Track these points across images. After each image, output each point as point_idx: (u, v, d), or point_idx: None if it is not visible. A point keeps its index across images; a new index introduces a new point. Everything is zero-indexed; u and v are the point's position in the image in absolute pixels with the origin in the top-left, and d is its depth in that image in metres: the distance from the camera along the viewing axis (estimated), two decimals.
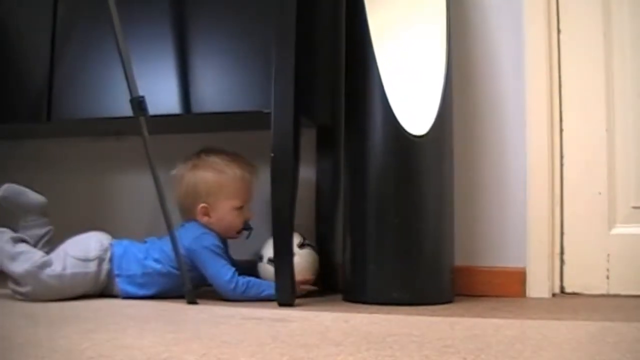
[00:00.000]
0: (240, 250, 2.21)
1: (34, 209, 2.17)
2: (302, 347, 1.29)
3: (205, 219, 2.14)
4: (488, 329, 1.57)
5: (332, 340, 1.38)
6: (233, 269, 2.05)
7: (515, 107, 2.30)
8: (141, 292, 2.07)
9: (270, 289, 2.02)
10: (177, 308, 1.88)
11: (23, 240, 2.07)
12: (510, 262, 2.27)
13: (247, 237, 2.19)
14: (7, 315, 1.70)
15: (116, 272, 2.07)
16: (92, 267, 2.06)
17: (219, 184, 2.14)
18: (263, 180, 2.09)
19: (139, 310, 1.81)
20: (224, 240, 2.16)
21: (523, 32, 2.31)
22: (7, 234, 2.05)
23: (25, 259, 2.01)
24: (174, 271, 2.05)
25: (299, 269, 2.05)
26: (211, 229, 2.13)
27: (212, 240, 2.09)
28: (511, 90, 2.32)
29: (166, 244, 2.07)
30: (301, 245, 2.14)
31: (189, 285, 1.97)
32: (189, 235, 2.08)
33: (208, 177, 2.14)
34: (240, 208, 2.15)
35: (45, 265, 2.01)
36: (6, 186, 2.15)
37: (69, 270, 2.02)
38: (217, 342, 1.35)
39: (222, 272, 2.03)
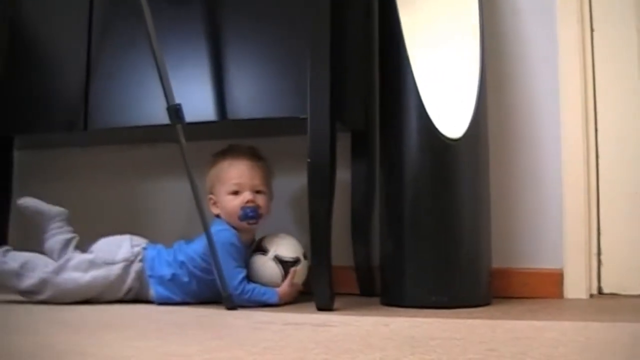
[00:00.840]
0: None
1: (57, 216, 2.20)
2: (346, 353, 1.29)
3: (216, 211, 2.18)
4: (529, 332, 1.56)
5: (375, 345, 1.38)
6: (243, 272, 2.06)
7: (549, 108, 2.30)
8: (173, 295, 2.09)
9: (273, 297, 2.05)
10: (216, 314, 1.89)
11: (8, 250, 2.10)
12: (547, 264, 2.26)
13: (249, 224, 2.14)
14: (44, 322, 1.71)
15: (149, 272, 2.11)
16: (115, 270, 2.09)
17: (216, 174, 2.18)
18: (294, 181, 2.11)
19: (179, 317, 1.82)
20: (246, 243, 2.16)
21: (556, 31, 2.31)
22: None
23: (31, 268, 2.05)
24: (198, 273, 2.09)
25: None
26: (231, 226, 2.14)
27: (229, 238, 2.09)
28: (545, 91, 2.31)
29: (190, 247, 2.12)
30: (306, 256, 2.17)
31: (226, 291, 1.98)
32: (212, 230, 2.07)
33: (210, 171, 2.21)
34: (235, 193, 2.14)
35: (61, 269, 2.05)
36: (24, 199, 2.22)
37: (89, 273, 2.06)
38: (260, 348, 1.35)
39: (231, 274, 2.03)
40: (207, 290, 2.08)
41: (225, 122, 2.18)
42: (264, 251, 2.13)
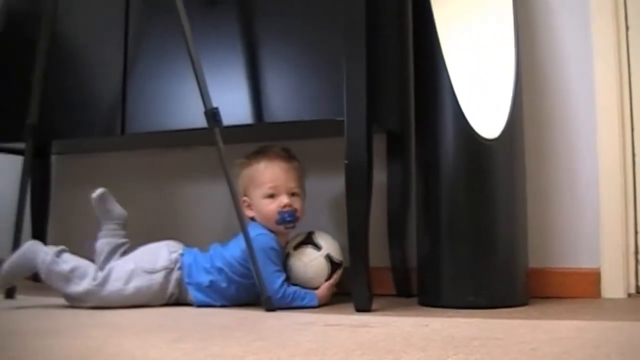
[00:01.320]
0: None
1: (118, 218, 2.24)
2: (389, 354, 1.30)
3: (250, 214, 2.17)
4: (570, 332, 1.56)
5: (417, 345, 1.39)
6: (283, 276, 2.06)
7: (585, 107, 2.29)
8: (212, 301, 2.11)
9: (313, 301, 2.06)
10: (256, 316, 1.90)
11: (63, 250, 2.13)
12: (584, 263, 2.26)
13: (286, 228, 2.15)
14: (92, 326, 1.73)
15: (187, 280, 2.12)
16: (157, 278, 2.10)
17: (250, 176, 2.17)
18: (330, 183, 2.11)
19: (220, 319, 1.84)
20: (281, 245, 2.15)
21: (590, 30, 2.30)
22: (49, 251, 2.10)
23: (80, 275, 2.07)
24: (236, 278, 2.09)
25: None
26: (268, 229, 2.14)
27: (268, 243, 2.09)
28: (581, 90, 2.30)
29: (227, 251, 2.13)
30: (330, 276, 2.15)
31: (266, 293, 1.99)
32: (251, 233, 2.08)
33: (244, 172, 2.19)
34: (271, 196, 2.14)
35: (105, 281, 2.07)
36: (102, 189, 2.24)
37: (131, 285, 2.08)
38: (303, 349, 1.36)
39: (271, 279, 2.03)
40: (245, 294, 2.10)
41: (262, 124, 2.19)
42: (316, 246, 2.12)
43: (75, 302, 2.07)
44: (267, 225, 2.14)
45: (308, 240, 2.14)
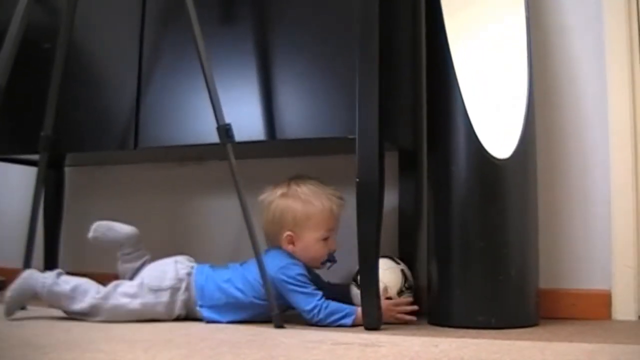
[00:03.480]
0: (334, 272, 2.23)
1: (126, 242, 2.22)
2: None
3: (290, 247, 2.14)
4: (580, 355, 1.56)
5: None
6: (318, 295, 2.03)
7: (598, 127, 2.28)
8: (225, 319, 2.10)
9: (350, 315, 2.01)
10: (266, 332, 1.90)
11: (60, 273, 2.13)
12: (595, 285, 2.25)
13: (328, 268, 2.19)
14: (101, 340, 1.74)
15: (199, 302, 2.10)
16: (164, 297, 2.10)
17: (306, 214, 2.13)
18: (347, 205, 2.13)
19: (230, 335, 1.84)
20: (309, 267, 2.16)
21: (604, 49, 2.29)
22: (47, 275, 2.10)
23: (83, 292, 2.07)
24: (257, 301, 2.07)
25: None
26: (296, 258, 2.13)
27: (298, 270, 2.08)
28: (594, 110, 2.30)
29: (249, 272, 2.10)
30: (400, 292, 2.16)
31: (276, 310, 1.99)
32: (276, 264, 2.07)
33: (296, 206, 2.14)
34: (325, 239, 2.14)
35: (109, 295, 2.07)
36: (95, 225, 2.20)
37: (137, 301, 2.08)
38: None
39: (305, 302, 2.02)
40: (264, 313, 2.06)
41: (275, 141, 2.20)
42: (394, 260, 2.20)
43: (83, 317, 2.08)
44: (307, 262, 2.14)
45: (386, 255, 2.17)
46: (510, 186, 2.05)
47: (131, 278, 2.17)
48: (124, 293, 2.08)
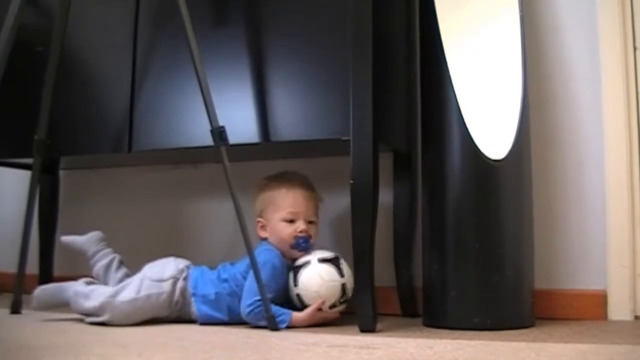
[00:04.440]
0: None
1: (92, 243, 2.35)
2: None
3: (263, 234, 2.22)
4: (575, 356, 1.55)
5: None
6: (269, 295, 2.04)
7: (592, 127, 2.29)
8: (215, 313, 2.12)
9: (283, 322, 2.02)
10: (260, 335, 1.90)
11: (93, 283, 2.21)
12: (591, 285, 2.25)
13: (298, 252, 2.17)
14: (96, 343, 1.74)
15: (192, 291, 2.14)
16: (165, 287, 2.13)
17: (269, 199, 2.23)
18: (342, 206, 2.12)
19: (224, 338, 1.84)
20: (290, 262, 2.18)
21: (598, 50, 2.29)
22: (81, 280, 2.21)
23: (98, 294, 2.12)
24: (239, 292, 2.11)
25: None
26: (277, 249, 2.17)
27: (271, 258, 2.13)
28: (588, 109, 2.30)
29: (236, 267, 2.16)
30: (333, 306, 2.11)
31: (270, 312, 1.99)
32: (257, 253, 2.10)
33: (262, 195, 2.25)
34: (290, 221, 2.18)
35: (117, 293, 2.10)
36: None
37: (142, 293, 2.10)
38: None
39: (251, 292, 2.05)
40: None
41: (269, 144, 2.20)
42: (341, 272, 2.10)
43: (92, 317, 2.10)
44: (280, 247, 2.18)
45: (335, 262, 2.12)
46: (505, 187, 2.04)
47: (104, 276, 2.26)
48: (130, 288, 2.11)
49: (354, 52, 2.02)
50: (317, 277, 2.09)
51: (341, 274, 2.10)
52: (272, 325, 1.98)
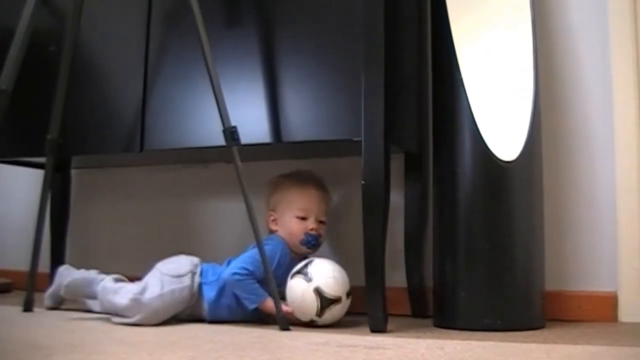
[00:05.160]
0: None
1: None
2: None
3: (274, 227, 2.29)
4: (585, 357, 1.56)
5: None
6: (256, 271, 2.09)
7: (603, 129, 2.28)
8: (223, 299, 2.14)
9: (252, 303, 2.09)
10: (270, 335, 1.90)
11: (122, 280, 2.23)
12: (601, 287, 2.24)
13: (307, 249, 2.23)
14: (107, 342, 1.75)
15: (202, 280, 2.17)
16: (186, 281, 2.15)
17: (284, 195, 2.28)
18: (353, 206, 2.12)
19: (234, 338, 1.84)
20: (296, 257, 2.21)
21: (610, 51, 2.29)
22: (110, 276, 2.23)
23: (127, 291, 2.12)
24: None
25: None
26: (285, 241, 2.23)
27: (272, 246, 2.18)
28: (599, 112, 2.30)
29: (240, 257, 2.19)
30: (348, 295, 2.09)
31: (280, 312, 2.00)
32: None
33: (277, 191, 2.31)
34: (302, 219, 2.23)
35: (144, 290, 2.09)
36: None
37: (167, 289, 2.11)
38: None
39: (244, 261, 2.12)
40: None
41: (280, 144, 2.20)
42: (307, 277, 2.06)
43: (120, 318, 2.10)
44: (289, 242, 2.23)
45: (302, 269, 2.09)
46: (515, 188, 2.04)
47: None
48: (154, 284, 2.12)
49: (365, 53, 2.02)
50: (297, 292, 2.07)
51: (308, 279, 2.06)
52: (283, 325, 1.99)
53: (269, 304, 2.06)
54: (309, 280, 2.06)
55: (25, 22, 2.02)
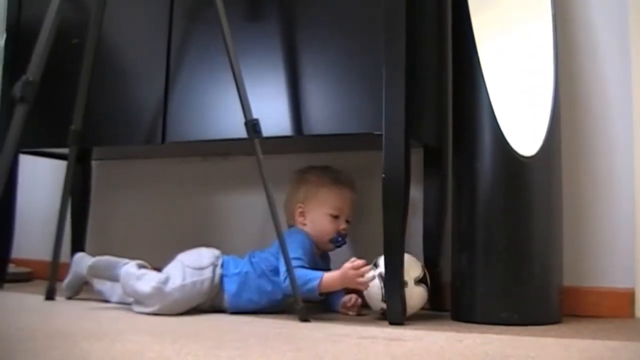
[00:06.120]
0: None
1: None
2: None
3: (300, 220, 2.30)
4: (603, 352, 1.57)
5: None
6: (298, 262, 2.10)
7: (623, 125, 2.28)
8: (244, 292, 2.16)
9: (313, 290, 2.06)
10: (291, 326, 1.92)
11: (145, 267, 2.23)
12: (619, 283, 2.24)
13: (337, 247, 2.29)
14: (130, 331, 1.77)
15: (224, 272, 2.19)
16: (207, 273, 2.16)
17: (316, 189, 2.30)
18: (373, 200, 2.15)
19: (256, 328, 1.86)
20: (319, 252, 2.26)
21: (629, 48, 2.29)
22: (134, 262, 2.23)
23: (149, 278, 2.13)
24: (268, 272, 2.17)
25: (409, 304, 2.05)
26: (310, 235, 2.24)
27: (300, 239, 2.20)
28: (618, 108, 2.30)
29: (267, 250, 2.22)
30: (418, 281, 2.10)
31: (300, 303, 2.02)
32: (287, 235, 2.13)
33: (309, 182, 2.32)
34: (335, 217, 2.26)
35: (167, 280, 2.11)
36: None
37: (188, 280, 2.12)
38: None
39: (293, 255, 2.10)
40: (279, 292, 2.14)
41: (301, 137, 2.22)
42: (375, 265, 2.11)
43: (140, 306, 2.13)
44: (315, 236, 2.25)
45: (375, 260, 2.13)
46: (535, 184, 2.05)
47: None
48: (175, 275, 2.13)
49: (386, 47, 2.04)
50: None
51: (375, 266, 2.10)
52: (302, 316, 2.00)
53: (329, 277, 2.07)
54: (376, 266, 2.10)
55: (52, 15, 2.04)
